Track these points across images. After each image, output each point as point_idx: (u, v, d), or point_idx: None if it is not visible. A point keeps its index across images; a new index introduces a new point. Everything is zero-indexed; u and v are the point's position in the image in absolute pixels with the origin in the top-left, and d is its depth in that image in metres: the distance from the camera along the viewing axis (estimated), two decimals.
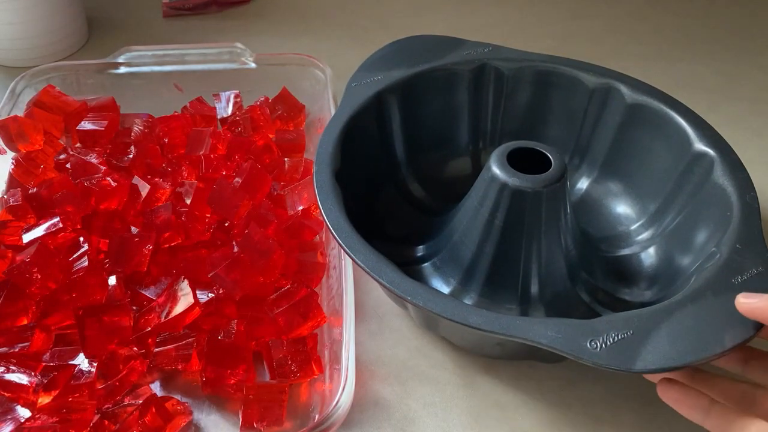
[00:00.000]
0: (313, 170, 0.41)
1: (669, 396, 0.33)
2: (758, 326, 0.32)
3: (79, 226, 0.46)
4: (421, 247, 0.46)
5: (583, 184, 0.49)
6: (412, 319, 0.44)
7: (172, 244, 0.45)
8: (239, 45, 0.59)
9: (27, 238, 0.45)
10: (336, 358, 0.39)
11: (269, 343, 0.40)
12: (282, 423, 0.38)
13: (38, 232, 0.45)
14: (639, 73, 0.48)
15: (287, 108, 0.56)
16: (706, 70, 0.66)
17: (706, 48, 0.70)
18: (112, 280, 0.42)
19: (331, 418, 0.35)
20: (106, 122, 0.53)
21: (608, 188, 0.48)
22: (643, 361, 0.31)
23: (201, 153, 0.51)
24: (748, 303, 0.31)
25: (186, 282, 0.42)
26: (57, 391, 0.38)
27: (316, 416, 0.38)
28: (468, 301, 0.42)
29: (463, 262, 0.42)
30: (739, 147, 0.42)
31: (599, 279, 0.43)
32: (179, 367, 0.40)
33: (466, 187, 0.43)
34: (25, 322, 0.41)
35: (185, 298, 0.41)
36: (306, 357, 0.40)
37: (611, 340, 0.32)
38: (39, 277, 0.42)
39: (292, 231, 0.45)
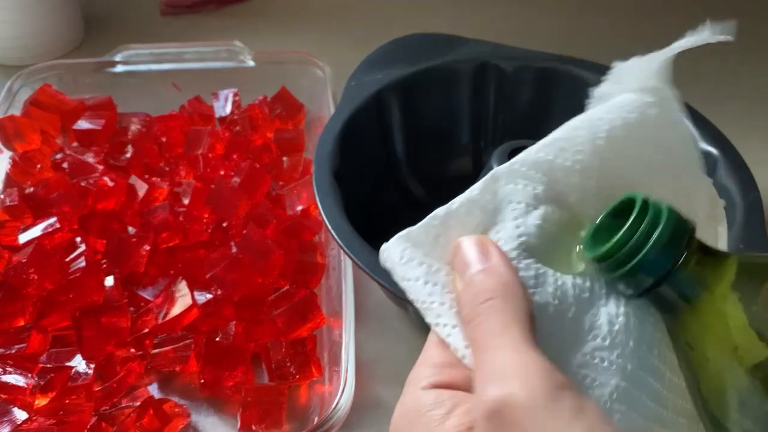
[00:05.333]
0: (313, 170, 0.41)
1: None
2: None
3: (76, 226, 0.46)
4: None
5: None
6: (411, 320, 0.43)
7: (170, 244, 0.45)
8: (237, 43, 0.58)
9: (24, 238, 0.44)
10: (335, 360, 0.39)
11: (268, 345, 0.40)
12: (281, 425, 0.37)
13: (35, 232, 0.45)
14: None
15: (286, 107, 0.56)
16: (708, 69, 0.66)
17: (708, 46, 0.69)
18: (109, 281, 0.42)
19: (330, 420, 0.35)
20: (103, 121, 0.52)
21: None
22: None
23: (199, 152, 0.50)
24: None
25: (184, 283, 0.42)
26: (54, 393, 0.38)
27: (316, 418, 0.38)
28: None
29: None
30: (742, 146, 0.42)
31: None
32: (177, 368, 0.40)
33: (466, 187, 0.42)
34: (22, 323, 0.41)
35: (183, 299, 0.41)
36: (305, 359, 0.39)
37: None
38: (36, 277, 0.42)
39: (291, 231, 0.45)
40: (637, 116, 0.28)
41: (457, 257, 0.25)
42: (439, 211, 0.26)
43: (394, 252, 0.26)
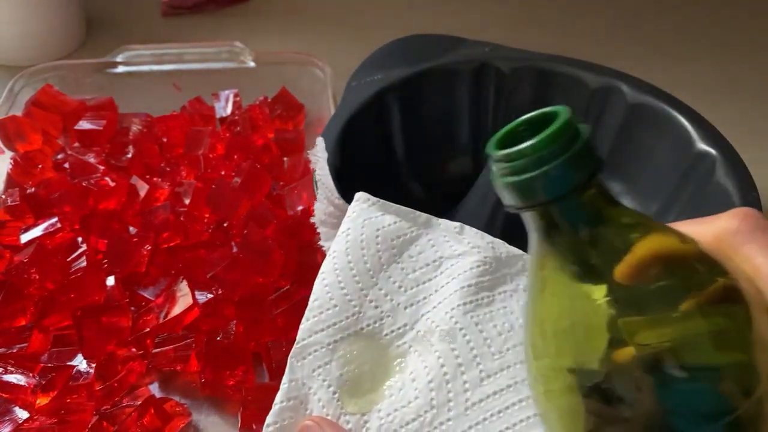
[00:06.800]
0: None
1: None
2: None
3: (77, 226, 0.46)
4: None
5: None
6: None
7: (171, 244, 0.45)
8: (238, 44, 0.58)
9: (25, 238, 0.44)
10: None
11: (268, 344, 0.40)
12: None
13: (36, 232, 0.45)
14: (640, 72, 0.48)
15: (286, 107, 0.56)
16: (708, 70, 0.66)
17: (708, 47, 0.69)
18: (110, 281, 0.42)
19: None
20: (104, 122, 0.53)
21: (610, 188, 0.48)
22: None
23: (200, 153, 0.51)
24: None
25: (185, 282, 0.42)
26: (55, 392, 0.38)
27: None
28: None
29: None
30: (741, 147, 0.42)
31: None
32: (178, 368, 0.40)
33: (466, 187, 0.43)
34: (24, 322, 0.41)
35: (184, 298, 0.41)
36: None
37: None
38: (37, 277, 0.42)
39: (291, 231, 0.45)
40: (352, 233, 0.32)
41: None
42: (268, 417, 0.28)
43: None
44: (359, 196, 0.33)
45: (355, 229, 0.32)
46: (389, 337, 0.30)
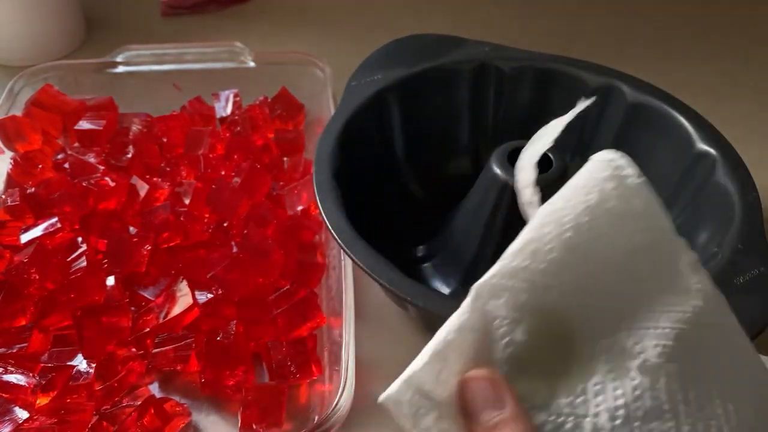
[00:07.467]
0: (313, 170, 0.41)
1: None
2: (761, 329, 0.32)
3: (77, 226, 0.46)
4: (421, 247, 0.45)
5: None
6: (412, 320, 0.43)
7: (171, 244, 0.45)
8: (238, 44, 0.58)
9: (25, 238, 0.44)
10: (335, 359, 0.39)
11: (268, 344, 0.40)
12: (281, 424, 0.38)
13: (36, 232, 0.45)
14: (641, 72, 0.48)
15: (286, 107, 0.56)
16: (708, 70, 0.66)
17: (708, 47, 0.69)
18: (110, 281, 0.42)
19: (330, 420, 0.35)
20: (104, 122, 0.53)
21: None
22: None
23: (200, 153, 0.51)
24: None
25: (185, 282, 0.42)
26: (55, 392, 0.38)
27: (316, 417, 0.38)
28: None
29: (464, 262, 0.41)
30: (741, 147, 0.42)
31: None
32: (178, 368, 0.40)
33: (466, 187, 0.43)
34: (24, 322, 0.41)
35: (184, 298, 0.41)
36: (305, 358, 0.40)
37: None
38: (37, 277, 0.42)
39: (291, 231, 0.45)
40: (596, 196, 0.27)
41: (468, 397, 0.23)
42: (437, 345, 0.25)
43: (401, 401, 0.25)
44: (620, 163, 0.28)
45: (599, 205, 0.26)
46: (583, 334, 0.26)
